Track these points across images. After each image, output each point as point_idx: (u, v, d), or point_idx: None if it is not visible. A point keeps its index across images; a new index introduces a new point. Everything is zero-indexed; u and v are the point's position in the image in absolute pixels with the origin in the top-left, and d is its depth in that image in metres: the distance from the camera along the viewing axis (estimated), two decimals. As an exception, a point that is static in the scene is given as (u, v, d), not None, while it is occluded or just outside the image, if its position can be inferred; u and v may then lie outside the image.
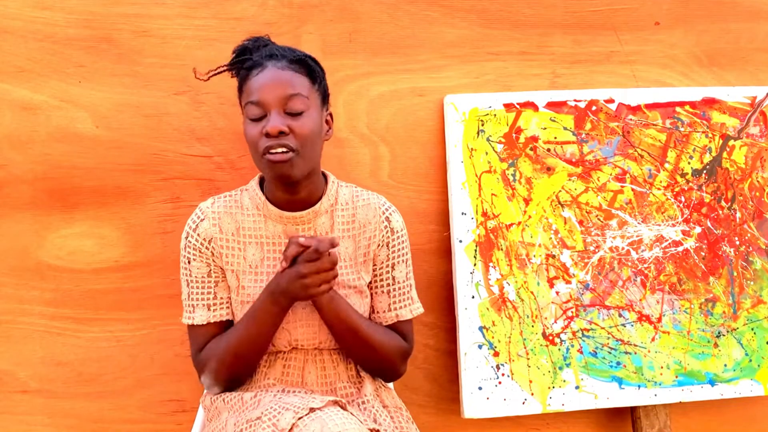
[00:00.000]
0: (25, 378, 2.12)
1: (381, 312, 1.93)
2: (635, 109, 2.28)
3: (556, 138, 2.25)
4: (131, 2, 2.14)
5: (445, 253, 2.24)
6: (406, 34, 2.25)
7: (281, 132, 1.75)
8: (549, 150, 2.24)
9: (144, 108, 2.14)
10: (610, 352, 2.21)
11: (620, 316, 2.22)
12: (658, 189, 2.27)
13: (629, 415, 2.31)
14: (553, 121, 2.25)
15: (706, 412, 2.37)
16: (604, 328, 2.22)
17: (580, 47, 2.32)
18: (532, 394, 2.17)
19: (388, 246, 1.92)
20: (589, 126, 2.26)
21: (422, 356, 2.25)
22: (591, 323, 2.21)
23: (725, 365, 2.26)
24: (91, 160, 2.13)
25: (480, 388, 2.16)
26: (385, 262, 1.92)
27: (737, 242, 2.29)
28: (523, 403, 2.17)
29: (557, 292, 2.21)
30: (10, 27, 2.10)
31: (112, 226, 2.14)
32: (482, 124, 2.22)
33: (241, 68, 1.85)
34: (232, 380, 1.84)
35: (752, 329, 2.28)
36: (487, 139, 2.22)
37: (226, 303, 1.87)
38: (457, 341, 2.18)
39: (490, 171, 2.21)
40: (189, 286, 1.87)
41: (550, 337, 2.19)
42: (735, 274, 2.29)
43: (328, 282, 1.76)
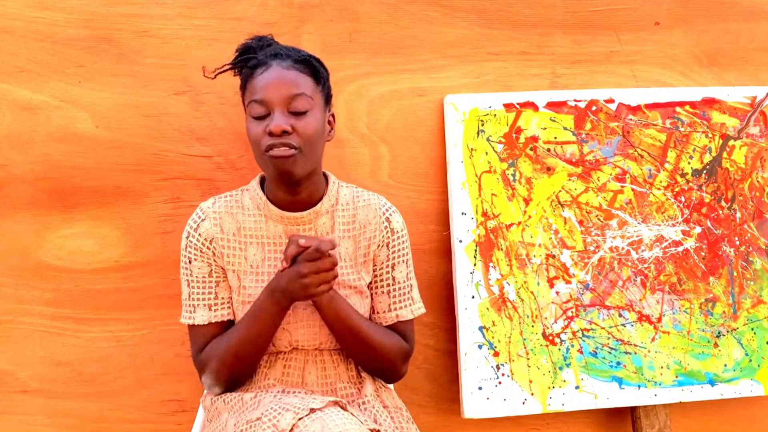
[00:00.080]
0: (25, 378, 2.12)
1: (381, 312, 1.93)
2: (635, 109, 2.28)
3: (556, 138, 2.25)
4: (131, 2, 2.14)
5: (445, 253, 2.24)
6: (406, 34, 2.25)
7: (284, 131, 1.75)
8: (549, 150, 2.24)
9: (144, 108, 2.14)
10: (610, 352, 2.21)
11: (620, 316, 2.22)
12: (658, 189, 2.27)
13: (629, 415, 2.31)
14: (553, 121, 2.25)
15: (706, 412, 2.37)
16: (604, 328, 2.22)
17: (580, 47, 2.32)
18: (532, 394, 2.17)
19: (389, 246, 1.92)
20: (589, 126, 2.26)
21: (422, 356, 2.25)
22: (591, 323, 2.21)
23: (725, 365, 2.26)
24: (91, 160, 2.13)
25: (480, 388, 2.16)
26: (385, 263, 1.92)
27: (737, 242, 2.29)
28: (523, 403, 2.17)
29: (557, 292, 2.21)
30: (10, 27, 2.10)
31: (112, 226, 2.14)
32: (482, 124, 2.22)
33: (245, 67, 1.85)
34: (233, 380, 1.84)
35: (752, 329, 2.28)
36: (487, 139, 2.22)
37: (227, 303, 1.87)
38: (457, 341, 2.18)
39: (490, 171, 2.21)
40: (190, 286, 1.87)
41: (550, 337, 2.19)
42: (735, 274, 2.29)
43: (328, 282, 1.75)
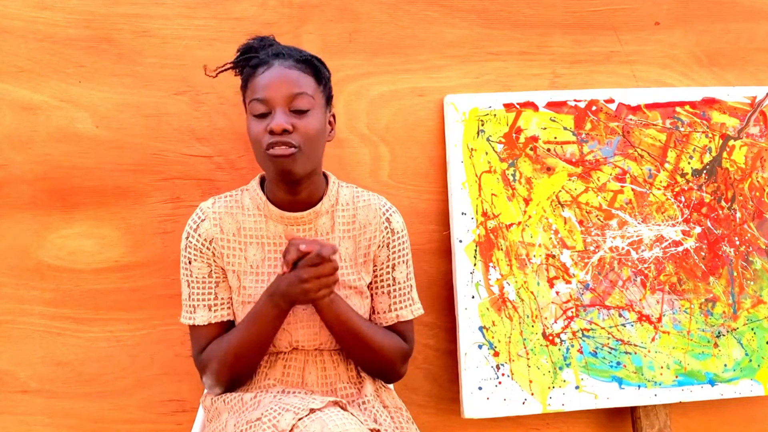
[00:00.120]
0: (25, 378, 2.12)
1: (381, 313, 1.93)
2: (635, 109, 2.28)
3: (556, 138, 2.25)
4: (131, 2, 2.14)
5: (445, 253, 2.24)
6: (406, 34, 2.25)
7: (285, 130, 1.75)
8: (549, 150, 2.24)
9: (144, 108, 2.14)
10: (610, 352, 2.21)
11: (620, 316, 2.22)
12: (658, 189, 2.27)
13: (629, 415, 2.31)
14: (553, 121, 2.25)
15: (706, 412, 2.37)
16: (604, 328, 2.22)
17: (580, 47, 2.32)
18: (532, 394, 2.17)
19: (389, 247, 1.92)
20: (589, 126, 2.26)
21: (422, 356, 2.25)
22: (591, 323, 2.21)
23: (725, 365, 2.26)
24: (91, 160, 2.13)
25: (480, 388, 2.16)
26: (385, 263, 1.92)
27: (737, 242, 2.29)
28: (523, 403, 2.17)
29: (557, 292, 2.21)
30: (10, 27, 2.10)
31: (112, 226, 2.14)
32: (482, 124, 2.22)
33: (246, 66, 1.85)
34: (234, 380, 1.84)
35: (752, 329, 2.28)
36: (487, 139, 2.22)
37: (227, 303, 1.87)
38: (457, 341, 2.18)
39: (490, 171, 2.21)
40: (190, 286, 1.87)
41: (550, 337, 2.19)
42: (735, 274, 2.29)
43: (329, 287, 1.74)
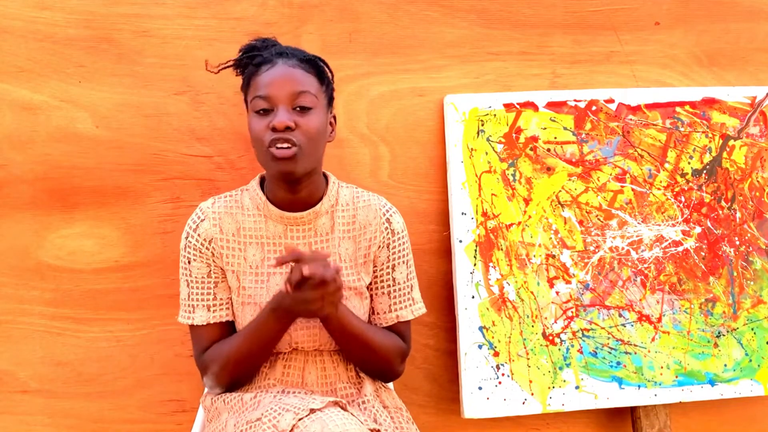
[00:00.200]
0: (25, 378, 2.12)
1: (381, 313, 1.93)
2: (635, 109, 2.28)
3: (556, 138, 2.25)
4: (131, 2, 2.14)
5: (445, 253, 2.24)
6: (406, 34, 2.25)
7: (288, 127, 1.75)
8: (549, 150, 2.24)
9: (144, 108, 2.14)
10: (610, 352, 2.21)
11: (620, 316, 2.22)
12: (658, 189, 2.27)
13: (629, 415, 2.31)
14: (553, 121, 2.25)
15: (706, 412, 2.37)
16: (604, 328, 2.22)
17: (580, 47, 2.32)
18: (532, 394, 2.17)
19: (389, 247, 1.92)
20: (589, 126, 2.26)
21: (422, 356, 2.25)
22: (591, 323, 2.21)
23: (725, 365, 2.26)
24: (91, 160, 2.13)
25: (480, 388, 2.16)
26: (385, 264, 1.92)
27: (737, 242, 2.29)
28: (523, 403, 2.17)
29: (557, 292, 2.21)
30: (10, 27, 2.10)
31: (112, 226, 2.14)
32: (482, 124, 2.22)
33: (249, 64, 1.85)
34: (234, 383, 1.85)
35: (752, 329, 2.28)
36: (487, 139, 2.22)
37: (226, 304, 1.87)
38: (457, 341, 2.18)
39: (490, 171, 2.21)
40: (189, 286, 1.87)
41: (550, 337, 2.19)
42: (735, 274, 2.28)
43: (334, 303, 1.73)
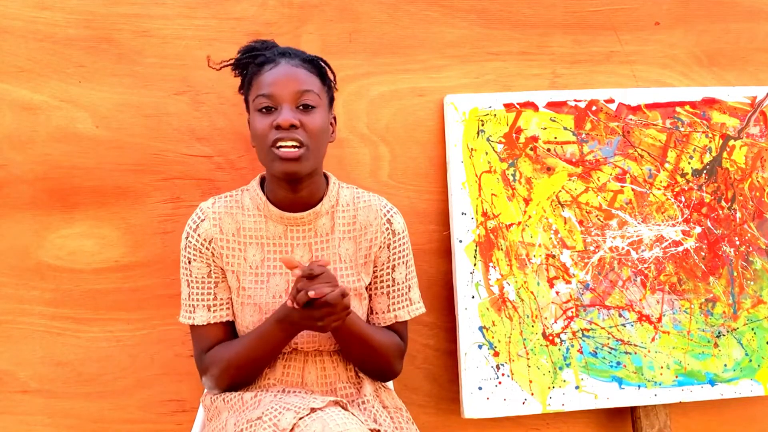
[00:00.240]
0: (25, 378, 2.12)
1: (380, 313, 1.93)
2: (635, 109, 2.28)
3: (556, 138, 2.25)
4: (131, 2, 2.14)
5: (445, 253, 2.24)
6: (406, 34, 2.25)
7: (292, 125, 1.75)
8: (549, 150, 2.24)
9: (144, 108, 2.14)
10: (610, 352, 2.21)
11: (620, 316, 2.22)
12: (658, 189, 2.27)
13: (629, 415, 2.31)
14: (553, 121, 2.25)
15: (706, 412, 2.37)
16: (604, 328, 2.22)
17: (580, 47, 2.32)
18: (532, 394, 2.17)
19: (389, 248, 1.92)
20: (589, 126, 2.26)
21: (422, 356, 2.25)
22: (591, 323, 2.21)
23: (725, 365, 2.26)
24: (91, 160, 2.13)
25: (480, 388, 2.16)
26: (385, 264, 1.92)
27: (737, 242, 2.29)
28: (523, 403, 2.17)
29: (557, 292, 2.21)
30: (10, 27, 2.10)
31: (112, 226, 2.14)
32: (482, 124, 2.22)
33: (252, 63, 1.85)
34: (234, 386, 1.85)
35: (752, 329, 2.28)
36: (487, 139, 2.22)
37: (227, 304, 1.87)
38: (457, 341, 2.18)
39: (490, 171, 2.21)
40: (189, 286, 1.87)
41: (550, 337, 2.19)
42: (735, 274, 2.28)
43: (341, 319, 1.73)
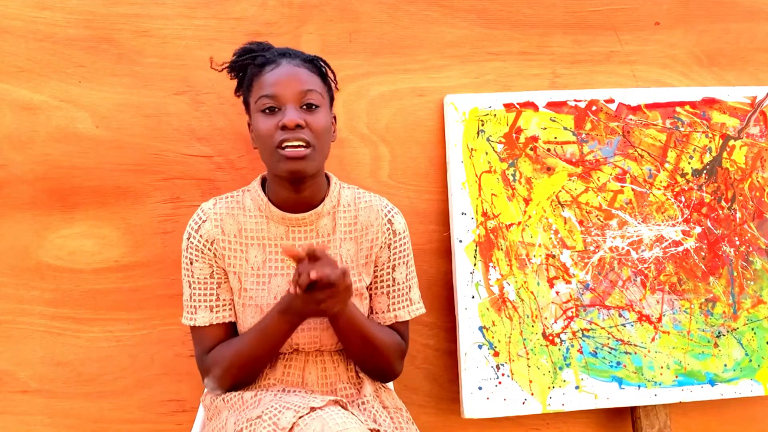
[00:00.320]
0: (25, 378, 2.12)
1: (380, 313, 1.93)
2: (635, 109, 2.28)
3: (556, 138, 2.25)
4: (131, 2, 2.14)
5: (445, 253, 2.24)
6: (406, 34, 2.25)
7: (298, 125, 1.75)
8: (549, 150, 2.24)
9: (144, 108, 2.14)
10: (610, 352, 2.21)
11: (620, 316, 2.22)
12: (658, 189, 2.27)
13: (629, 415, 2.31)
14: (553, 121, 2.25)
15: (706, 412, 2.37)
16: (604, 328, 2.22)
17: (580, 47, 2.32)
18: (532, 394, 2.17)
19: (390, 248, 1.92)
20: (589, 126, 2.26)
21: (422, 356, 2.25)
22: (591, 323, 2.21)
23: (725, 365, 2.26)
24: (91, 160, 2.13)
25: (480, 388, 2.16)
26: (386, 264, 1.92)
27: (737, 242, 2.29)
28: (523, 403, 2.17)
29: (557, 292, 2.21)
30: (10, 27, 2.10)
31: (112, 226, 2.14)
32: (482, 124, 2.22)
33: (252, 64, 1.85)
34: (236, 385, 1.84)
35: (752, 329, 2.28)
36: (487, 139, 2.22)
37: (229, 305, 1.87)
38: (457, 341, 2.18)
39: (490, 171, 2.21)
40: (191, 287, 1.86)
41: (550, 337, 2.19)
42: (735, 274, 2.29)
43: (345, 301, 1.73)
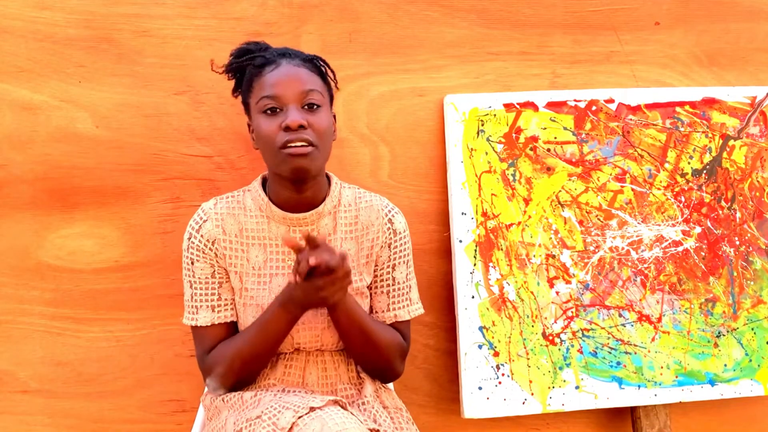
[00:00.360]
0: (25, 378, 2.12)
1: (380, 312, 1.93)
2: (635, 109, 2.28)
3: (556, 138, 2.25)
4: (131, 2, 2.14)
5: (445, 253, 2.24)
6: (406, 34, 2.25)
7: (301, 125, 1.75)
8: (549, 150, 2.24)
9: (144, 108, 2.14)
10: (610, 352, 2.21)
11: (620, 316, 2.22)
12: (658, 189, 2.27)
13: (629, 415, 2.31)
14: (553, 121, 2.25)
15: (706, 412, 2.37)
16: (604, 328, 2.22)
17: (580, 47, 2.32)
18: (532, 394, 2.17)
19: (390, 247, 1.92)
20: (589, 126, 2.26)
21: (422, 356, 2.25)
22: (591, 323, 2.21)
23: (725, 365, 2.26)
24: (91, 160, 2.13)
25: (480, 388, 2.16)
26: (386, 263, 1.92)
27: (737, 242, 2.29)
28: (523, 403, 2.17)
29: (557, 292, 2.21)
30: (10, 27, 2.10)
31: (112, 226, 2.14)
32: (482, 124, 2.22)
33: (251, 65, 1.84)
34: (239, 383, 1.84)
35: (752, 329, 2.28)
36: (487, 139, 2.22)
37: (230, 304, 1.87)
38: (457, 341, 2.18)
39: (490, 171, 2.21)
40: (192, 287, 1.86)
41: (550, 337, 2.19)
42: (735, 274, 2.28)
43: (344, 289, 1.73)
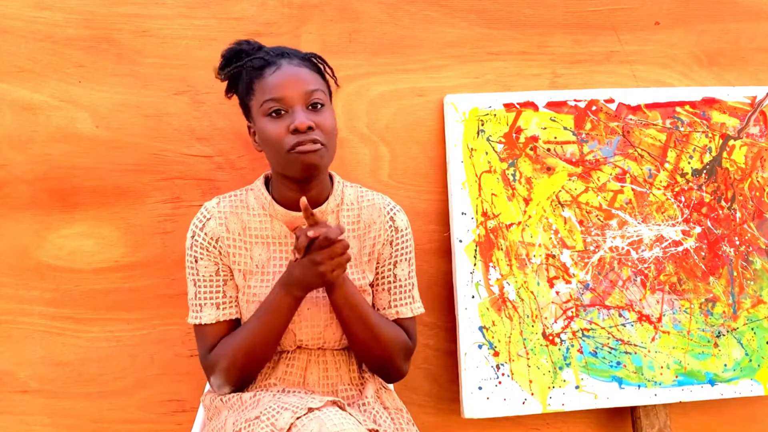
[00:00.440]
0: (25, 378, 2.12)
1: (381, 309, 1.93)
2: (635, 109, 2.28)
3: (556, 138, 2.25)
4: (131, 2, 2.14)
5: (445, 253, 2.24)
6: (406, 34, 2.25)
7: (309, 127, 1.75)
8: (549, 150, 2.24)
9: (144, 108, 2.15)
10: (610, 352, 2.21)
11: (620, 316, 2.22)
12: (658, 189, 2.27)
13: (629, 415, 2.31)
14: (553, 121, 2.25)
15: (706, 412, 2.37)
16: (604, 328, 2.22)
17: (580, 47, 2.32)
18: (532, 394, 2.17)
19: (392, 244, 1.92)
20: (589, 126, 2.26)
21: (422, 356, 2.25)
22: (591, 323, 2.21)
23: (725, 365, 2.26)
24: (91, 160, 2.13)
25: (480, 388, 2.16)
26: (388, 260, 1.92)
27: (737, 242, 2.29)
28: (523, 403, 2.17)
29: (557, 292, 2.21)
30: (10, 27, 2.10)
31: (112, 226, 2.14)
32: (482, 124, 2.22)
33: (250, 67, 1.84)
34: (243, 378, 1.82)
35: (752, 329, 2.28)
36: (487, 139, 2.22)
37: (234, 302, 1.86)
38: (457, 341, 2.18)
39: (490, 171, 2.21)
40: (196, 285, 1.86)
41: (550, 337, 2.19)
42: (735, 274, 2.28)
43: (342, 266, 1.74)
